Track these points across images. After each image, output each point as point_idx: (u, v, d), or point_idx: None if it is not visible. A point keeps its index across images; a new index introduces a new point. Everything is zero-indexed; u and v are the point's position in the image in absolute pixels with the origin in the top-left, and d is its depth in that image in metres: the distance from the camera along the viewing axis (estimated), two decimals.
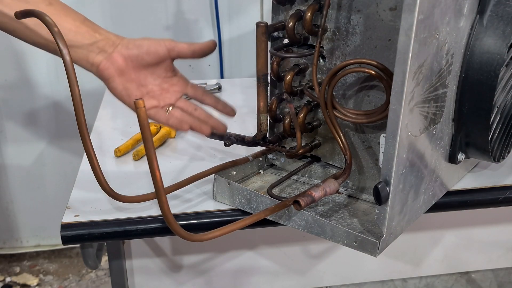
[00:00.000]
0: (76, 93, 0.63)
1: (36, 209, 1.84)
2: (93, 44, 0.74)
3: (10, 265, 1.90)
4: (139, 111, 0.52)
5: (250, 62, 1.70)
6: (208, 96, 0.82)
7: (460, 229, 1.24)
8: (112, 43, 0.75)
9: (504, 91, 0.74)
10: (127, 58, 0.75)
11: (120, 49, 0.75)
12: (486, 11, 0.70)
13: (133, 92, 0.76)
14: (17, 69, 1.64)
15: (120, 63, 0.75)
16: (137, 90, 0.77)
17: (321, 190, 0.68)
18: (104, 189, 0.68)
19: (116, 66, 0.75)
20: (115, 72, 0.75)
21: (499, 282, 1.37)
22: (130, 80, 0.76)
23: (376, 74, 0.67)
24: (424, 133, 0.66)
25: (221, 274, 1.18)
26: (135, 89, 0.77)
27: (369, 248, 0.66)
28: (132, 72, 0.76)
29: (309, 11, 0.71)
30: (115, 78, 0.75)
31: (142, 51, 0.75)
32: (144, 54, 0.76)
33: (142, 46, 0.75)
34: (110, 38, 0.75)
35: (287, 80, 0.76)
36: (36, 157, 1.77)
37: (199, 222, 0.77)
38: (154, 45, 0.76)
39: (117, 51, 0.75)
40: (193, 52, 0.78)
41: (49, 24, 0.62)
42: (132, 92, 0.76)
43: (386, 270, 1.28)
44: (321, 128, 0.80)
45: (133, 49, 0.75)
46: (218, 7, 1.62)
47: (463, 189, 0.84)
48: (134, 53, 0.75)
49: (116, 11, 1.61)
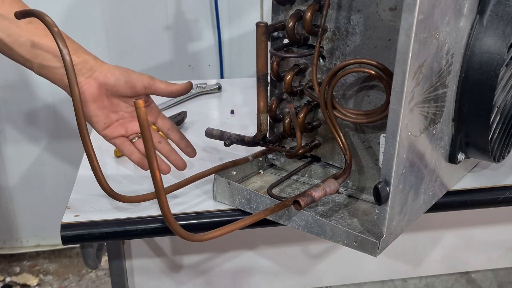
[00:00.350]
0: (76, 93, 0.63)
1: (36, 209, 1.84)
2: None
3: (10, 265, 1.90)
4: (139, 111, 0.52)
5: (250, 62, 1.70)
6: (174, 131, 0.82)
7: (460, 229, 1.24)
8: (90, 67, 0.74)
9: (504, 91, 0.74)
10: (102, 85, 0.75)
11: (97, 76, 0.75)
12: (486, 11, 0.70)
13: (101, 119, 0.77)
14: (17, 69, 1.64)
15: (94, 90, 0.75)
16: (106, 117, 0.77)
17: (321, 190, 0.68)
18: (104, 189, 0.68)
19: (90, 92, 0.74)
20: (88, 98, 0.75)
21: (499, 282, 1.37)
22: (101, 107, 0.76)
23: (376, 74, 0.67)
24: (424, 133, 0.66)
25: (221, 274, 1.18)
26: (103, 116, 0.77)
27: (369, 248, 0.66)
28: (105, 99, 0.76)
29: (309, 11, 0.71)
30: (87, 104, 0.75)
31: (119, 83, 0.76)
32: (120, 87, 0.76)
33: (120, 80, 0.75)
34: (88, 62, 0.75)
35: (287, 80, 0.76)
36: (36, 157, 1.77)
37: (199, 222, 0.77)
38: (132, 80, 0.76)
39: (94, 78, 0.75)
40: (170, 93, 0.79)
41: (49, 24, 0.62)
42: (100, 119, 0.76)
43: (386, 270, 1.28)
44: (321, 128, 0.80)
45: (110, 79, 0.75)
46: (218, 7, 1.62)
47: (463, 189, 0.84)
48: (110, 82, 0.75)
49: (116, 11, 1.61)
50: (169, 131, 0.82)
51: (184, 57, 1.68)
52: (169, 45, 1.64)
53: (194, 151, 0.84)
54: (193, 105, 1.22)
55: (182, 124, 1.10)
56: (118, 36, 1.64)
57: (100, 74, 0.75)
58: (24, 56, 0.72)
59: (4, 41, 0.71)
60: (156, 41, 1.64)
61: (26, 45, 0.71)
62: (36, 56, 0.72)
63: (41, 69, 0.73)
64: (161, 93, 0.79)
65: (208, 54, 1.69)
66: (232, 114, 1.17)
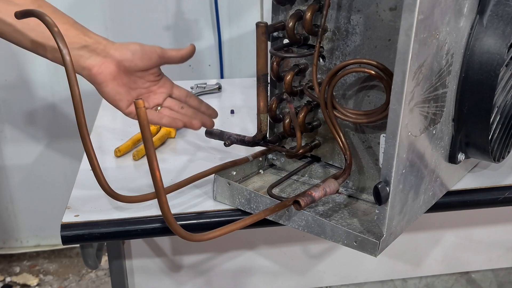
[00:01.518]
0: (76, 93, 0.63)
1: (36, 209, 1.84)
2: (84, 48, 0.74)
3: (10, 265, 1.90)
4: (139, 111, 0.52)
5: (250, 62, 1.70)
6: (192, 97, 0.85)
7: (460, 229, 1.24)
8: (103, 47, 0.75)
9: (504, 91, 0.74)
10: (120, 63, 0.76)
11: (113, 54, 0.75)
12: (486, 11, 0.70)
13: (124, 96, 0.78)
14: (17, 69, 1.64)
15: (113, 68, 0.75)
16: (128, 94, 0.78)
17: (321, 190, 0.68)
18: (104, 189, 0.68)
19: (109, 71, 0.75)
20: (108, 77, 0.75)
21: (499, 282, 1.37)
22: (121, 85, 0.77)
23: (376, 74, 0.67)
24: (424, 133, 0.66)
25: (221, 274, 1.18)
26: (125, 93, 0.78)
27: (369, 248, 0.66)
28: (124, 77, 0.77)
29: (309, 11, 0.71)
30: (108, 83, 0.76)
31: (136, 56, 0.77)
32: (138, 60, 0.77)
33: (136, 52, 0.77)
34: (101, 42, 0.75)
35: (287, 80, 0.76)
36: (36, 157, 1.77)
37: (199, 222, 0.77)
38: (148, 52, 0.78)
39: (110, 56, 0.75)
40: (181, 57, 0.81)
41: (49, 24, 0.62)
42: (123, 97, 0.77)
43: (386, 270, 1.28)
44: (321, 128, 0.80)
45: (126, 54, 0.76)
46: (218, 7, 1.62)
47: (463, 189, 0.84)
48: (128, 57, 0.76)
49: (116, 11, 1.61)
50: (187, 98, 0.84)
51: None
52: (169, 45, 1.64)
53: (215, 112, 0.87)
54: None
55: None
56: (118, 36, 1.64)
57: (116, 51, 0.75)
58: (36, 41, 0.72)
59: (16, 27, 0.70)
60: (156, 41, 1.64)
61: (37, 30, 0.71)
62: (49, 39, 0.72)
63: (55, 53, 0.73)
64: (174, 60, 0.81)
65: (208, 54, 1.69)
66: (232, 114, 1.17)
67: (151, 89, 0.82)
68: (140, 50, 0.77)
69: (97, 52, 0.74)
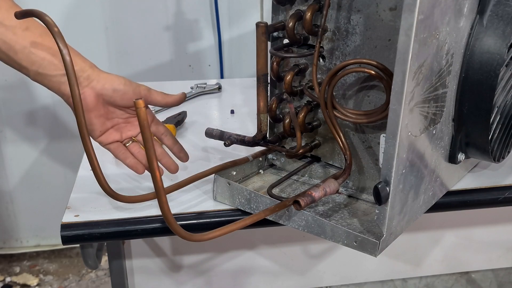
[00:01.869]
0: (76, 93, 0.63)
1: (36, 209, 1.84)
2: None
3: (10, 265, 1.90)
4: (139, 111, 0.52)
5: (250, 62, 1.70)
6: (167, 136, 0.83)
7: (460, 229, 1.24)
8: (87, 76, 0.74)
9: (504, 91, 0.74)
10: (99, 95, 0.75)
11: (94, 85, 0.74)
12: (486, 11, 0.70)
13: (98, 127, 0.77)
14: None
15: (92, 100, 0.75)
16: (102, 125, 0.77)
17: (321, 190, 0.68)
18: (104, 189, 0.68)
19: (87, 101, 0.74)
20: (85, 108, 0.74)
21: (499, 282, 1.37)
22: (97, 116, 0.76)
23: (376, 74, 0.67)
24: (424, 133, 0.66)
25: (221, 274, 1.18)
26: (100, 124, 0.77)
27: (369, 248, 0.66)
28: (102, 108, 0.76)
29: (309, 11, 0.71)
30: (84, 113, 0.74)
31: (116, 94, 0.76)
32: (118, 98, 0.76)
33: (118, 90, 0.75)
34: (85, 71, 0.74)
35: (287, 80, 0.76)
36: (36, 157, 1.77)
37: (199, 222, 0.77)
38: (130, 92, 0.76)
39: (91, 87, 0.74)
40: (166, 104, 0.81)
41: (49, 24, 0.62)
42: (96, 127, 0.77)
43: (386, 270, 1.28)
44: (321, 128, 0.80)
45: (107, 90, 0.75)
46: (218, 7, 1.62)
47: (463, 189, 0.84)
48: (108, 93, 0.75)
49: (116, 11, 1.61)
50: (163, 135, 0.83)
51: (184, 57, 1.68)
52: (169, 45, 1.64)
53: (187, 156, 0.85)
54: (193, 105, 1.22)
55: (182, 124, 1.10)
56: (118, 36, 1.64)
57: (98, 84, 0.75)
58: (20, 63, 0.72)
59: (1, 48, 0.71)
60: (156, 41, 1.64)
61: (23, 53, 0.71)
62: (32, 64, 0.72)
63: (37, 76, 0.73)
64: (158, 104, 0.81)
65: (208, 54, 1.69)
66: (232, 114, 1.17)
67: (129, 121, 0.80)
68: (123, 89, 0.76)
69: (79, 81, 0.73)
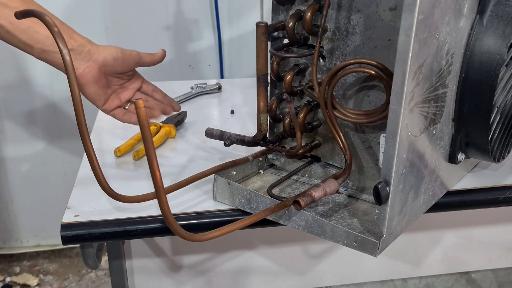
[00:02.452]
0: (76, 93, 0.63)
1: (36, 209, 1.84)
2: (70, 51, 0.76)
3: (10, 265, 1.90)
4: (139, 111, 0.52)
5: (250, 62, 1.70)
6: (157, 91, 0.93)
7: (460, 229, 1.24)
8: (87, 50, 0.81)
9: (504, 91, 0.74)
10: (102, 66, 0.82)
11: (96, 58, 0.82)
12: (486, 11, 0.70)
13: (102, 96, 0.85)
14: (17, 69, 1.64)
15: (95, 72, 0.82)
16: (105, 94, 0.86)
17: (321, 190, 0.68)
18: (104, 189, 0.68)
19: (91, 74, 0.82)
20: (90, 80, 0.82)
21: (499, 282, 1.37)
22: (101, 86, 0.84)
23: (376, 74, 0.67)
24: (424, 133, 0.66)
25: (221, 274, 1.18)
26: (103, 93, 0.85)
27: (369, 248, 0.66)
28: (103, 79, 0.84)
29: (309, 11, 0.71)
30: (89, 85, 0.82)
31: (117, 62, 0.84)
32: (118, 66, 0.84)
33: (117, 59, 0.83)
34: (85, 45, 0.81)
35: (287, 80, 0.76)
36: (36, 157, 1.77)
37: (199, 222, 0.77)
38: (127, 58, 0.85)
39: (93, 60, 0.82)
40: (153, 61, 0.89)
41: (49, 24, 0.62)
42: (101, 97, 0.85)
43: (386, 270, 1.28)
44: (321, 128, 0.80)
45: (109, 60, 0.83)
46: (218, 7, 1.62)
47: (463, 189, 0.84)
48: (109, 62, 0.83)
49: (116, 11, 1.61)
50: (153, 92, 0.92)
51: (184, 57, 1.68)
52: (169, 45, 1.65)
53: (178, 106, 0.95)
54: (193, 105, 1.22)
55: (182, 124, 1.10)
56: (118, 36, 1.64)
57: (99, 56, 0.82)
58: (25, 42, 0.77)
59: (6, 28, 0.75)
60: (156, 41, 1.64)
61: (28, 32, 0.76)
62: (37, 42, 0.77)
63: (41, 54, 0.79)
64: (148, 64, 0.89)
65: (208, 54, 1.69)
66: (232, 114, 1.17)
67: (124, 86, 0.89)
68: (121, 57, 0.84)
69: (81, 56, 0.81)
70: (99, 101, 0.85)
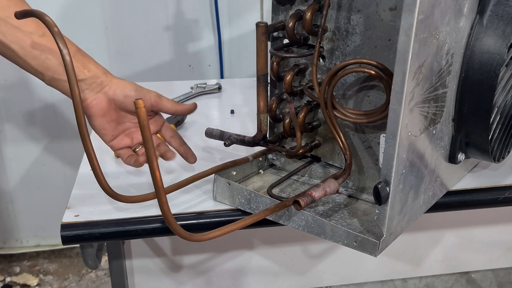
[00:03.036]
0: (76, 93, 0.63)
1: (36, 209, 1.84)
2: (81, 81, 0.74)
3: (10, 265, 1.90)
4: (139, 111, 0.52)
5: (250, 62, 1.70)
6: (175, 139, 0.84)
7: (460, 229, 1.24)
8: (100, 82, 0.76)
9: (504, 91, 0.74)
10: (112, 101, 0.77)
11: (106, 91, 0.76)
12: (486, 11, 0.70)
13: (110, 131, 0.79)
14: (17, 69, 1.63)
15: (104, 105, 0.77)
16: (114, 129, 0.79)
17: (321, 190, 0.68)
18: (104, 189, 0.68)
19: (99, 107, 0.76)
20: (98, 112, 0.76)
21: (499, 282, 1.37)
22: (110, 121, 0.78)
23: (376, 74, 0.67)
24: (424, 133, 0.66)
25: (221, 274, 1.18)
26: (112, 129, 0.79)
27: (369, 248, 0.66)
28: (114, 113, 0.78)
29: (309, 11, 0.71)
30: (96, 118, 0.77)
31: (128, 100, 0.77)
32: (129, 103, 0.77)
33: (129, 97, 0.77)
34: (99, 77, 0.76)
35: (287, 80, 0.76)
36: (36, 157, 1.77)
37: (199, 222, 0.77)
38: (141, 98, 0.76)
39: (103, 92, 0.76)
40: (175, 112, 0.82)
41: (49, 24, 0.62)
42: (108, 132, 0.79)
43: (386, 270, 1.28)
44: (321, 128, 0.80)
45: (119, 95, 0.77)
46: (218, 7, 1.62)
47: (463, 189, 0.84)
48: (119, 99, 0.77)
49: (116, 11, 1.61)
50: (171, 138, 0.83)
51: (184, 57, 1.68)
52: (169, 45, 1.64)
53: (194, 157, 0.84)
54: None
55: (182, 124, 1.10)
56: (118, 36, 1.64)
57: (110, 89, 0.76)
58: (36, 69, 0.74)
59: (18, 53, 0.72)
60: (156, 41, 1.64)
61: (39, 58, 0.73)
62: (47, 69, 0.74)
63: (52, 81, 0.75)
64: (167, 112, 0.81)
65: (208, 54, 1.69)
66: (232, 114, 1.17)
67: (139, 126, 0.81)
68: (133, 95, 0.77)
69: (92, 86, 0.75)
70: (105, 135, 0.79)
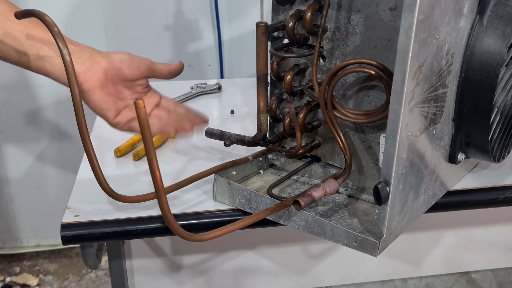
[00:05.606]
0: (76, 93, 0.63)
1: (36, 209, 1.84)
2: None
3: (10, 265, 1.90)
4: (139, 111, 0.52)
5: (250, 62, 1.70)
6: (179, 106, 0.82)
7: (460, 229, 1.24)
8: (89, 54, 0.72)
9: (504, 91, 0.74)
10: (107, 71, 0.73)
11: (99, 61, 0.72)
12: (486, 11, 0.70)
13: (112, 105, 0.74)
14: (17, 69, 1.64)
15: (100, 76, 0.72)
16: (115, 104, 0.74)
17: (321, 190, 0.68)
18: (104, 189, 0.68)
19: (96, 78, 0.71)
20: (95, 85, 0.72)
21: (499, 282, 1.37)
22: (109, 94, 0.74)
23: (376, 74, 0.67)
24: (424, 133, 0.66)
25: (221, 274, 1.18)
26: (113, 103, 0.74)
27: (369, 248, 0.66)
28: (111, 86, 0.74)
29: (309, 11, 0.71)
30: (95, 91, 0.72)
31: (124, 65, 0.74)
32: (126, 69, 0.74)
33: (124, 61, 0.74)
34: (86, 50, 0.72)
35: (287, 80, 0.76)
36: (36, 157, 1.77)
37: (199, 222, 0.77)
38: (136, 61, 0.75)
39: (97, 63, 0.72)
40: (169, 72, 0.80)
41: (49, 24, 0.62)
42: (111, 106, 0.74)
43: (386, 270, 1.28)
44: (321, 128, 0.80)
45: (114, 62, 0.73)
46: (218, 7, 1.62)
47: (463, 189, 0.84)
48: (116, 66, 0.73)
49: (116, 11, 1.61)
50: (175, 106, 0.82)
51: (184, 57, 1.68)
52: (169, 45, 1.65)
53: (205, 118, 0.83)
54: (193, 105, 1.22)
55: None
56: (118, 36, 1.64)
57: (103, 59, 0.72)
58: (18, 49, 0.69)
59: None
60: (156, 41, 1.64)
61: (20, 37, 0.69)
62: (31, 47, 0.69)
63: (38, 61, 0.70)
64: (162, 73, 0.79)
65: (208, 54, 1.69)
66: (232, 114, 1.17)
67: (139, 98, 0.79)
68: (128, 59, 0.74)
69: (82, 59, 0.71)
70: (108, 110, 0.74)
